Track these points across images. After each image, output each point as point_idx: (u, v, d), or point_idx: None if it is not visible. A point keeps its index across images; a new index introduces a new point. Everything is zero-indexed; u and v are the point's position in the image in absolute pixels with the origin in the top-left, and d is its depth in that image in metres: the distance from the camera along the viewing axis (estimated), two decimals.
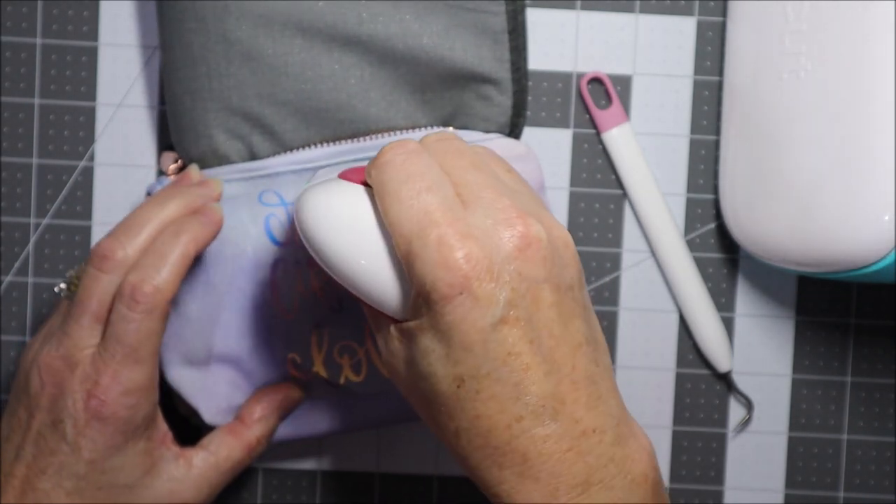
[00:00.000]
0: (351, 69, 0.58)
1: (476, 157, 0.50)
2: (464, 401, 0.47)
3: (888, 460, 0.64)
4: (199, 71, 0.58)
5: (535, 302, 0.47)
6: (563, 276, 0.48)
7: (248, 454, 0.58)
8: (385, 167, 0.48)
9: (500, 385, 0.46)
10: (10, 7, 0.62)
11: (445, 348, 0.47)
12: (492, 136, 0.58)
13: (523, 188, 0.51)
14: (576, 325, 0.48)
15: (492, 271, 0.46)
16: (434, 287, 0.46)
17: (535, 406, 0.46)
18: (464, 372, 0.47)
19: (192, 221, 0.55)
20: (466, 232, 0.46)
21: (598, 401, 0.48)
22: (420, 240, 0.47)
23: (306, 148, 0.59)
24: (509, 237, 0.47)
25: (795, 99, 0.57)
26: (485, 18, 0.58)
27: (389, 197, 0.48)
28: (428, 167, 0.48)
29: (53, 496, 0.54)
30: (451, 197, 0.48)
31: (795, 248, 0.57)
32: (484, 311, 0.46)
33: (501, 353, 0.46)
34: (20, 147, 0.62)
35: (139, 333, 0.53)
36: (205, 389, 0.59)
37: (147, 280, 0.53)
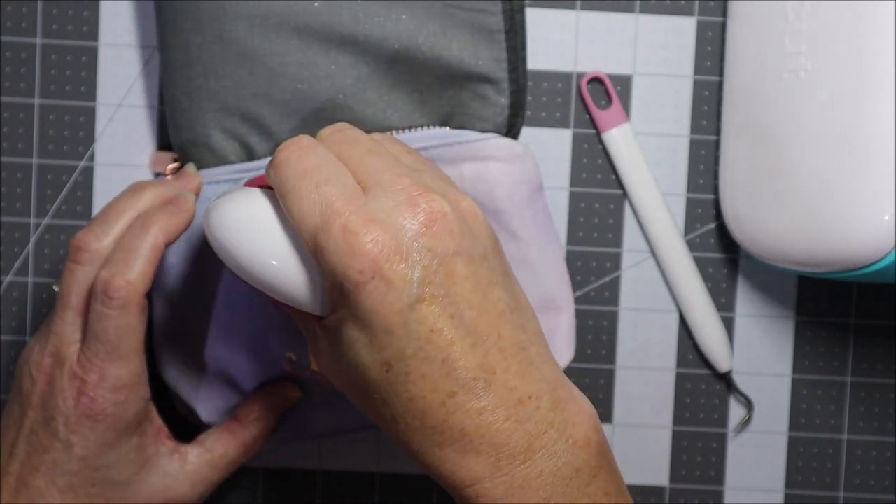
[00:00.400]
0: (347, 69, 0.58)
1: (372, 143, 0.50)
2: (395, 385, 0.47)
3: (888, 460, 0.64)
4: (196, 71, 0.58)
5: (450, 276, 0.47)
6: (475, 247, 0.48)
7: (244, 452, 0.58)
8: (281, 166, 0.48)
9: (428, 363, 0.46)
10: (10, 7, 0.62)
11: (368, 336, 0.47)
12: (489, 135, 0.58)
13: (425, 167, 0.50)
14: (496, 293, 0.48)
15: (400, 252, 0.46)
16: (345, 276, 0.46)
17: (466, 379, 0.46)
18: (390, 356, 0.46)
19: (160, 212, 0.55)
20: (369, 217, 0.46)
21: (529, 366, 0.47)
22: (325, 232, 0.47)
23: None
24: (414, 215, 0.47)
25: (795, 99, 0.57)
26: (481, 18, 0.58)
27: (290, 194, 0.48)
28: (324, 159, 0.48)
29: (47, 493, 0.54)
30: (350, 185, 0.48)
31: (795, 247, 0.57)
32: (399, 293, 0.46)
33: (424, 332, 0.46)
34: (20, 147, 0.62)
35: (117, 329, 0.53)
36: (201, 389, 0.59)
37: (118, 275, 0.53)
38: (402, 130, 0.58)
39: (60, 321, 0.54)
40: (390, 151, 0.50)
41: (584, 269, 0.63)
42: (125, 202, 0.55)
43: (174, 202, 0.55)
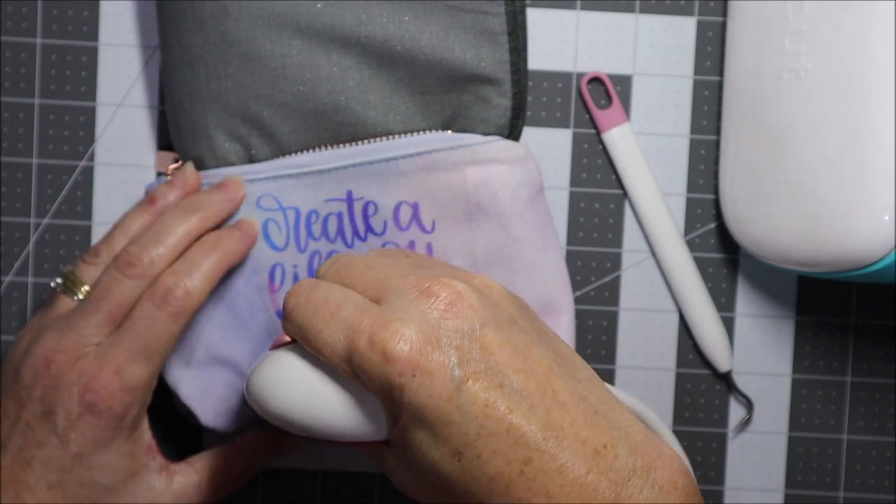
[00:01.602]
0: (349, 71, 0.58)
1: (368, 259, 0.51)
2: (471, 470, 0.46)
3: (888, 460, 0.64)
4: (197, 72, 0.58)
5: (485, 349, 0.47)
6: (500, 315, 0.48)
7: (233, 482, 0.58)
8: (293, 314, 0.49)
9: (494, 438, 0.46)
10: (10, 7, 0.62)
11: (429, 432, 0.46)
12: (491, 138, 0.58)
13: (426, 262, 0.51)
14: (536, 352, 0.47)
15: (431, 341, 0.46)
16: (389, 384, 0.46)
17: (536, 442, 0.46)
18: (457, 444, 0.46)
19: (230, 237, 0.57)
20: (389, 320, 0.47)
21: (595, 415, 0.47)
22: (356, 353, 0.47)
23: (305, 152, 0.59)
24: (431, 303, 0.47)
25: (795, 99, 0.57)
26: (484, 20, 0.58)
27: (311, 335, 0.49)
28: (329, 291, 0.49)
29: (36, 489, 0.54)
30: (362, 303, 0.48)
31: (795, 247, 0.57)
32: (442, 380, 0.46)
33: (479, 409, 0.46)
34: (20, 147, 0.62)
35: (159, 332, 0.54)
36: (202, 391, 0.59)
37: (181, 285, 0.54)
38: (403, 135, 0.58)
39: (87, 322, 0.54)
40: (389, 261, 0.51)
41: (584, 269, 0.63)
42: (176, 220, 0.56)
43: (239, 227, 0.57)
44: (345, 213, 0.58)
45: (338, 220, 0.59)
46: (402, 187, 0.58)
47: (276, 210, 0.58)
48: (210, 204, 0.57)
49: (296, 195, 0.58)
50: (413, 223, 0.58)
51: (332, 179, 0.58)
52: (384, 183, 0.58)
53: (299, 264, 0.59)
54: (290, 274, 0.59)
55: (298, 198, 0.59)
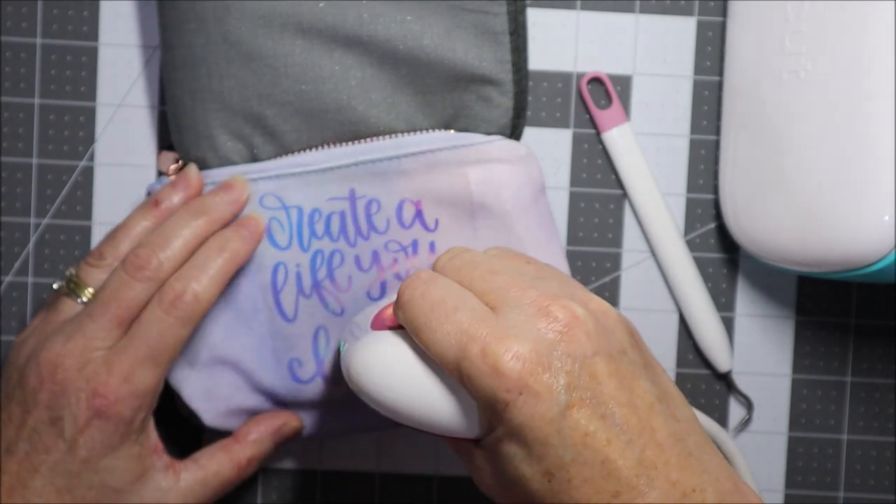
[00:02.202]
0: (351, 70, 0.58)
1: (491, 262, 0.50)
2: (559, 493, 0.47)
3: (888, 460, 0.64)
4: (199, 71, 0.58)
5: (594, 377, 0.47)
6: (613, 344, 0.48)
7: (238, 473, 0.58)
8: (408, 305, 0.49)
9: (588, 467, 0.46)
10: (10, 7, 0.62)
11: (525, 449, 0.47)
12: (493, 138, 0.58)
13: (547, 273, 0.51)
14: (642, 386, 0.48)
15: (542, 363, 0.46)
16: (495, 397, 0.46)
17: (628, 477, 0.46)
18: (550, 465, 0.46)
19: (236, 237, 0.57)
20: (504, 335, 0.47)
21: (689, 458, 0.47)
22: (466, 360, 0.47)
23: (307, 150, 0.59)
24: (548, 324, 0.47)
25: (795, 99, 0.57)
26: (486, 19, 0.58)
27: (423, 331, 0.49)
28: (447, 289, 0.49)
29: (44, 494, 0.54)
30: (479, 308, 0.48)
31: (795, 248, 0.57)
32: (548, 403, 0.46)
33: (578, 437, 0.46)
34: (20, 147, 0.62)
35: (167, 337, 0.54)
36: (205, 392, 0.59)
37: (190, 289, 0.54)
38: (405, 133, 0.58)
39: (95, 325, 0.54)
40: (509, 266, 0.51)
41: (584, 269, 0.63)
42: (183, 222, 0.56)
43: (245, 226, 0.57)
44: (347, 212, 0.59)
45: (340, 219, 0.59)
46: (405, 186, 0.58)
47: (279, 209, 0.58)
48: (216, 206, 0.57)
49: (298, 194, 0.58)
50: (416, 221, 0.58)
51: (335, 178, 0.58)
52: (387, 181, 0.58)
53: (302, 263, 0.59)
54: (292, 273, 0.59)
55: (301, 197, 0.59)
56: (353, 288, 0.59)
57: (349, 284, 0.59)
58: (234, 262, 0.56)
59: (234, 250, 0.56)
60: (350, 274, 0.59)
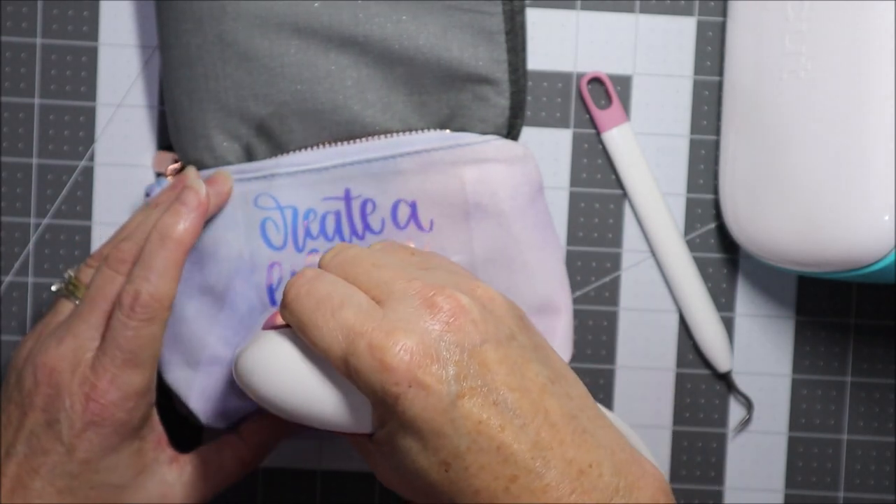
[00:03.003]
0: (347, 70, 0.58)
1: (374, 256, 0.50)
2: (457, 482, 0.47)
3: (888, 460, 0.64)
4: (196, 72, 0.58)
5: (483, 365, 0.47)
6: (500, 330, 0.48)
7: (241, 469, 0.59)
8: (294, 303, 0.49)
9: (484, 454, 0.46)
10: (10, 7, 0.62)
11: (420, 441, 0.47)
12: (490, 137, 0.58)
13: (433, 262, 0.51)
14: (532, 369, 0.48)
15: (430, 354, 0.46)
16: (384, 391, 0.47)
17: (524, 461, 0.46)
18: (446, 456, 0.47)
19: (174, 220, 0.55)
20: (391, 328, 0.47)
21: (583, 434, 0.47)
22: (353, 355, 0.47)
23: (303, 150, 0.59)
24: (434, 315, 0.47)
25: (795, 99, 0.57)
26: (481, 19, 0.58)
27: (309, 328, 0.49)
28: (332, 285, 0.49)
29: (45, 495, 0.54)
30: (365, 303, 0.48)
31: (795, 248, 0.57)
32: (438, 394, 0.46)
33: (472, 425, 0.46)
34: (20, 147, 0.62)
35: (139, 339, 0.54)
36: (202, 391, 0.59)
37: (143, 291, 0.54)
38: (401, 133, 0.58)
39: (84, 324, 0.54)
40: (394, 259, 0.51)
41: (583, 269, 0.63)
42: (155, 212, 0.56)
43: (183, 202, 0.56)
44: (343, 212, 0.58)
45: (336, 219, 0.59)
46: (400, 186, 0.58)
47: (274, 209, 0.58)
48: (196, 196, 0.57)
49: (293, 194, 0.58)
50: (411, 222, 0.58)
51: (330, 178, 0.58)
52: (382, 181, 0.58)
53: (297, 263, 0.58)
54: (287, 273, 0.58)
55: (296, 197, 0.58)
56: None
57: None
58: (180, 249, 0.55)
59: (177, 237, 0.55)
60: None
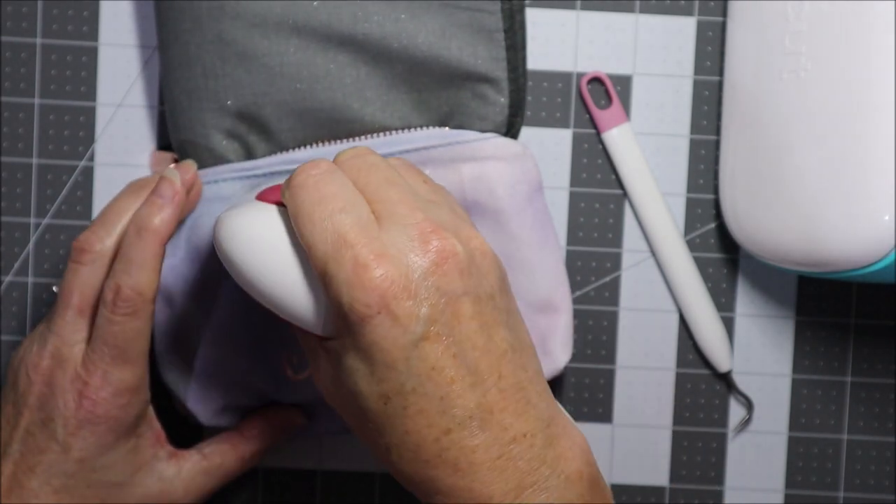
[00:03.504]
0: (346, 68, 0.58)
1: (390, 172, 0.50)
2: (392, 417, 0.47)
3: (888, 460, 0.64)
4: (195, 71, 0.58)
5: (456, 316, 0.47)
6: (483, 286, 0.48)
7: (241, 465, 0.59)
8: (298, 189, 0.49)
9: (426, 400, 0.47)
10: (10, 7, 0.62)
11: (369, 367, 0.47)
12: (488, 135, 0.58)
13: (440, 198, 0.51)
14: (500, 333, 0.48)
15: (409, 289, 0.46)
16: (351, 308, 0.46)
17: (463, 418, 0.47)
18: (388, 389, 0.47)
19: (150, 212, 0.54)
20: (381, 251, 0.47)
21: (527, 405, 0.48)
22: (335, 261, 0.47)
23: (303, 148, 0.59)
24: (425, 253, 0.47)
25: (795, 99, 0.57)
26: (480, 17, 0.58)
27: (304, 219, 0.48)
28: (341, 187, 0.49)
29: (41, 494, 0.54)
30: (365, 216, 0.48)
31: (795, 248, 0.57)
32: (404, 330, 0.46)
33: (425, 369, 0.46)
34: (20, 147, 0.62)
35: (125, 334, 0.54)
36: (201, 392, 0.59)
37: (124, 286, 0.53)
38: (400, 131, 0.58)
39: (61, 321, 0.54)
40: (407, 181, 0.50)
41: (584, 269, 0.63)
42: (126, 202, 0.56)
43: (157, 192, 0.55)
44: None
45: None
46: None
47: None
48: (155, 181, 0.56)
49: None
50: None
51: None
52: None
53: None
54: None
55: None
56: None
57: None
58: (157, 240, 0.54)
59: (154, 229, 0.54)
60: None
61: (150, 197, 0.55)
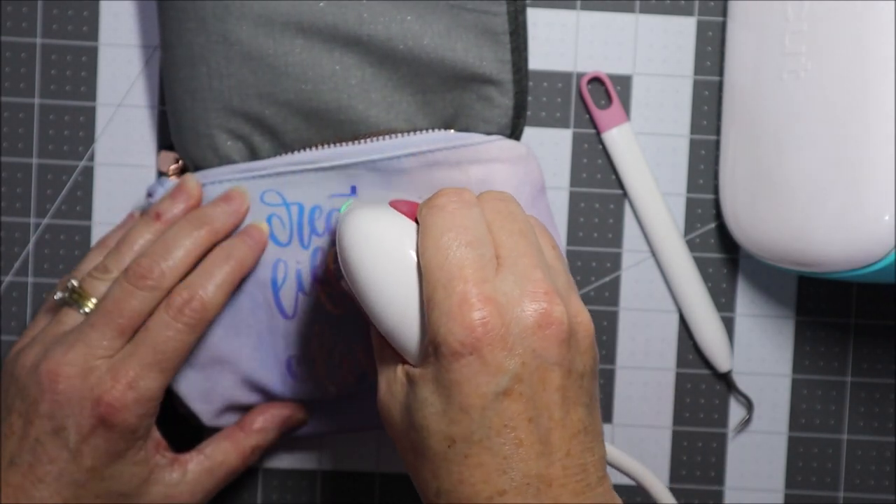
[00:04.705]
0: (351, 70, 0.58)
1: (525, 225, 0.50)
2: (451, 462, 0.47)
3: (888, 460, 0.64)
4: (199, 71, 0.58)
5: (543, 382, 0.47)
6: (576, 363, 0.48)
7: (243, 462, 0.59)
8: (436, 210, 0.49)
9: (490, 455, 0.46)
10: (10, 7, 0.62)
11: (444, 405, 0.46)
12: (492, 137, 0.58)
13: (560, 266, 0.50)
14: (579, 412, 0.48)
15: (506, 340, 0.46)
16: (445, 340, 0.46)
17: (521, 483, 0.46)
18: (456, 433, 0.46)
19: (241, 245, 0.57)
20: (491, 295, 0.46)
21: (585, 487, 0.47)
22: (445, 290, 0.47)
23: (308, 149, 0.59)
24: (532, 311, 0.47)
25: (795, 99, 0.57)
26: (486, 19, 0.58)
27: (430, 240, 0.48)
28: (475, 222, 0.48)
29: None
30: (487, 257, 0.48)
31: (795, 248, 0.57)
32: (489, 378, 0.46)
33: (498, 424, 0.46)
34: (20, 147, 0.62)
35: (175, 344, 0.54)
36: (203, 392, 0.59)
37: (197, 296, 0.55)
38: (405, 133, 0.58)
39: (98, 335, 0.54)
40: (537, 239, 0.50)
41: (584, 269, 0.63)
42: (185, 232, 0.56)
43: (250, 234, 0.57)
44: None
45: None
46: (406, 184, 0.58)
47: (280, 205, 0.58)
48: (216, 216, 0.57)
49: (299, 191, 0.58)
50: None
51: (336, 176, 0.58)
52: (388, 179, 0.58)
53: (302, 261, 0.59)
54: (292, 270, 0.59)
55: (302, 194, 0.59)
56: None
57: None
58: (239, 270, 0.57)
59: (240, 258, 0.57)
60: None
61: (243, 237, 0.57)
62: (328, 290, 0.59)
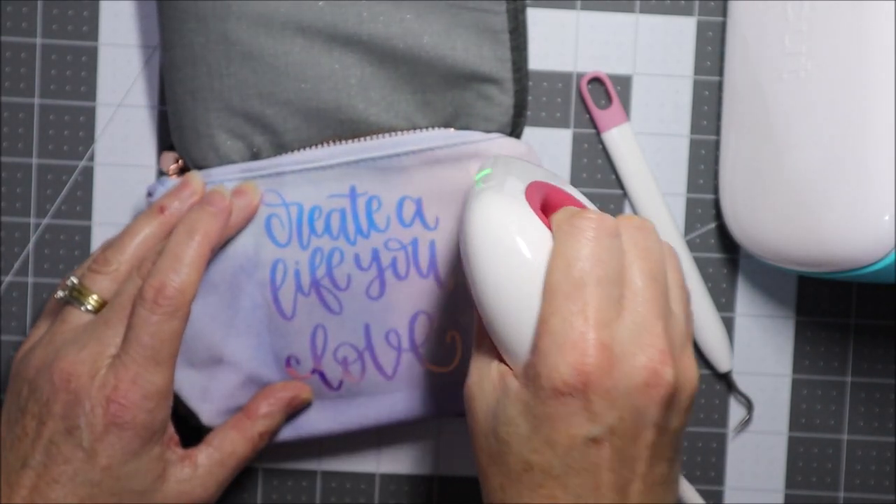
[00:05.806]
0: (351, 69, 0.58)
1: (658, 266, 0.49)
2: (523, 486, 0.46)
3: (888, 460, 0.64)
4: (199, 71, 0.58)
5: (635, 439, 0.47)
6: (671, 422, 0.48)
7: (253, 449, 0.58)
8: (575, 232, 0.48)
9: (563, 491, 0.46)
10: (10, 7, 0.62)
11: (531, 431, 0.46)
12: (493, 135, 0.58)
13: (683, 310, 0.50)
14: (661, 467, 0.48)
15: (610, 392, 0.46)
16: (550, 375, 0.46)
17: None
18: (536, 462, 0.46)
19: (201, 215, 0.55)
20: (607, 343, 0.46)
21: None
22: (564, 322, 0.46)
23: (308, 148, 0.59)
24: (642, 368, 0.46)
25: (795, 99, 0.57)
26: (486, 18, 0.58)
27: (562, 262, 0.47)
28: (612, 258, 0.47)
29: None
30: (614, 297, 0.47)
31: (795, 248, 0.57)
32: (585, 424, 0.46)
33: (580, 466, 0.46)
34: (20, 147, 0.62)
35: (161, 335, 0.54)
36: (204, 391, 0.59)
37: (168, 283, 0.54)
38: (406, 132, 0.58)
39: (111, 332, 0.54)
40: (667, 280, 0.49)
41: None
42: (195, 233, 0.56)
43: (211, 202, 0.56)
44: (348, 209, 0.58)
45: (340, 217, 0.59)
46: (406, 183, 0.58)
47: (279, 205, 0.58)
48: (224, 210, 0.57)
49: (298, 191, 0.58)
50: (416, 219, 0.58)
51: (335, 175, 0.58)
52: (387, 179, 0.58)
53: (301, 261, 0.58)
54: (291, 270, 0.58)
55: (301, 194, 0.59)
56: (352, 287, 0.59)
57: (348, 283, 0.59)
58: (206, 244, 0.55)
59: (204, 231, 0.55)
60: (349, 273, 0.59)
61: (201, 204, 0.56)
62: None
